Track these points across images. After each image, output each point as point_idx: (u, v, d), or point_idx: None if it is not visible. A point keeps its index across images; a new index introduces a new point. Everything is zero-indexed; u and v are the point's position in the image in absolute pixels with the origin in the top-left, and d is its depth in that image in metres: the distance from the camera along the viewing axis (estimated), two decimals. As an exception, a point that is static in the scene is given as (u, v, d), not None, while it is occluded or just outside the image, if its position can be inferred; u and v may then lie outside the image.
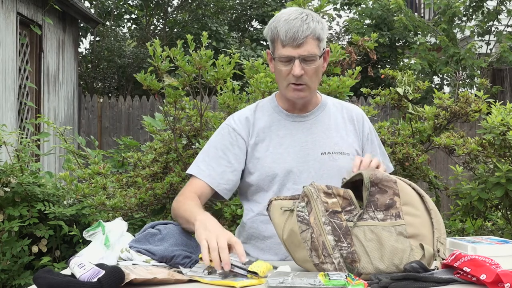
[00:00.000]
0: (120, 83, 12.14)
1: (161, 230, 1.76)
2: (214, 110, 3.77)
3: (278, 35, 1.88)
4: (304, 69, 1.89)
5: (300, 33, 1.85)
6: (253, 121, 2.03)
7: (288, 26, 1.86)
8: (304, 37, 1.85)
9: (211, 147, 2.04)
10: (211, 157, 2.01)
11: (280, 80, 1.96)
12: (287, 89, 1.95)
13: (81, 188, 3.28)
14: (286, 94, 1.98)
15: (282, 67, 1.91)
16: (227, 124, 2.06)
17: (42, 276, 1.45)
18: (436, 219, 1.63)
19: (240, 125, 2.03)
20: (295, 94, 1.94)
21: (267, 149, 1.99)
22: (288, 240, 1.63)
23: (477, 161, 3.24)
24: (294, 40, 1.85)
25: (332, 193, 1.62)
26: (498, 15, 8.74)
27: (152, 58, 3.01)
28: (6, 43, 6.69)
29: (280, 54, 1.89)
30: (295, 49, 1.86)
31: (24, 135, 5.25)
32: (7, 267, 3.53)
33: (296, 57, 1.87)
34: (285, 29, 1.86)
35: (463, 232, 3.51)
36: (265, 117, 2.04)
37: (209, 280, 1.53)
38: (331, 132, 2.03)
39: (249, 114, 2.06)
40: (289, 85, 1.93)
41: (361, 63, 3.62)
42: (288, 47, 1.87)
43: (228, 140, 2.02)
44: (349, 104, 2.18)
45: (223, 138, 2.03)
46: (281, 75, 1.93)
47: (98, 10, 12.75)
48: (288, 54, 1.87)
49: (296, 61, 1.87)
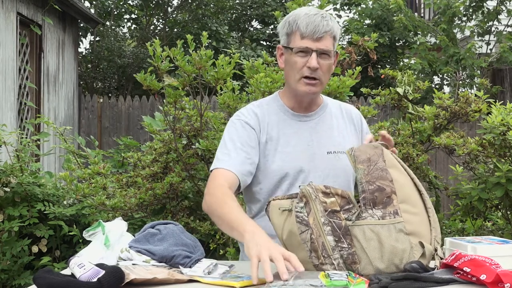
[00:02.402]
0: (120, 83, 12.14)
1: (161, 230, 1.76)
2: (214, 110, 3.77)
3: (298, 27, 1.91)
4: (320, 63, 1.91)
5: (321, 27, 1.89)
6: (261, 117, 2.02)
7: (309, 20, 1.90)
8: (324, 32, 1.90)
9: (228, 140, 1.98)
10: (230, 149, 1.95)
11: (292, 73, 1.95)
12: (299, 83, 1.94)
13: (81, 188, 3.28)
14: (297, 88, 1.96)
15: (298, 58, 1.92)
16: (237, 119, 2.02)
17: (42, 276, 1.45)
18: (434, 218, 1.64)
19: (252, 119, 2.00)
20: (307, 88, 1.94)
21: (276, 148, 1.98)
22: (288, 241, 1.62)
23: (477, 161, 3.24)
24: (314, 33, 1.89)
25: (330, 193, 1.62)
26: (498, 15, 8.74)
27: (152, 58, 3.01)
28: (6, 43, 6.69)
29: (298, 45, 1.92)
30: (314, 42, 1.90)
31: (24, 135, 5.25)
32: (7, 267, 3.53)
33: (314, 50, 1.90)
34: (306, 22, 1.90)
35: (463, 232, 3.51)
36: (272, 116, 2.03)
37: (209, 280, 1.52)
38: (334, 131, 2.04)
39: (257, 110, 2.04)
40: (302, 78, 1.93)
41: (361, 63, 3.63)
42: (307, 39, 1.90)
43: (244, 133, 1.97)
44: (346, 104, 2.20)
45: (238, 131, 1.98)
46: (296, 67, 1.93)
47: (98, 10, 12.76)
48: (307, 45, 1.90)
49: (313, 54, 1.90)
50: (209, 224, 3.22)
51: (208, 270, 1.59)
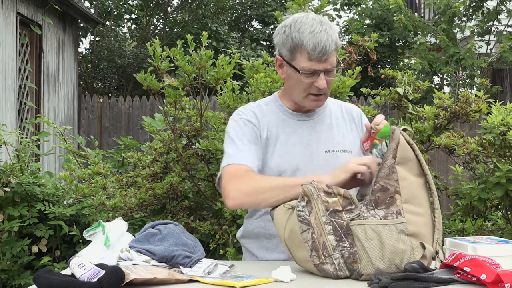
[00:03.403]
0: (120, 83, 12.14)
1: (161, 230, 1.76)
2: (214, 110, 3.77)
3: (304, 48, 1.85)
4: (327, 80, 1.90)
5: (328, 48, 1.84)
6: (260, 116, 2.02)
7: (316, 41, 1.84)
8: (331, 51, 1.86)
9: (235, 138, 1.96)
10: (238, 145, 1.94)
11: (298, 90, 1.94)
12: (306, 99, 1.94)
13: (81, 188, 3.28)
14: (302, 103, 1.97)
15: (305, 79, 1.89)
16: (239, 117, 2.01)
17: (42, 276, 1.45)
18: (439, 219, 1.64)
19: (252, 117, 2.01)
20: (314, 103, 1.96)
21: (275, 145, 1.99)
22: (289, 240, 1.63)
23: (477, 161, 3.24)
24: (323, 55, 1.85)
25: (332, 192, 1.62)
26: (498, 15, 8.73)
27: (152, 58, 3.01)
28: (6, 43, 6.69)
29: (305, 67, 1.87)
30: (322, 63, 1.87)
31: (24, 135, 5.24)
32: (7, 267, 3.53)
33: (321, 71, 1.88)
34: (313, 43, 1.84)
35: (463, 232, 3.50)
36: (270, 115, 2.03)
37: (209, 280, 1.53)
38: (333, 130, 2.04)
39: (256, 109, 2.04)
40: (309, 95, 1.93)
41: (361, 63, 3.62)
42: (315, 61, 1.86)
43: (247, 130, 1.97)
44: (346, 103, 2.19)
45: (241, 128, 1.98)
46: (301, 86, 1.92)
47: (98, 10, 12.75)
48: (315, 68, 1.87)
49: (321, 74, 1.88)
50: (209, 224, 3.22)
51: (209, 270, 1.59)
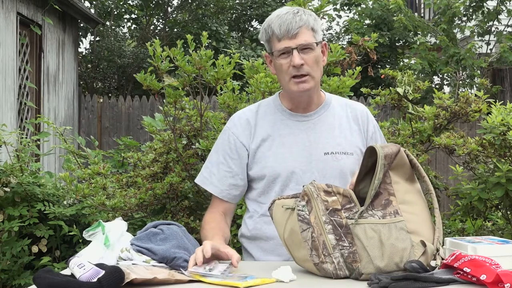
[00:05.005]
0: (120, 83, 12.14)
1: (163, 230, 1.75)
2: (214, 110, 3.77)
3: (273, 31, 1.91)
4: (304, 59, 1.90)
5: (294, 24, 1.88)
6: (254, 122, 2.03)
7: (281, 20, 1.90)
8: (298, 27, 1.89)
9: (214, 152, 2.08)
10: (213, 162, 2.06)
11: (282, 76, 1.95)
12: (290, 84, 1.94)
13: (81, 188, 3.28)
14: (290, 90, 1.96)
15: (281, 60, 1.92)
16: (228, 127, 2.07)
17: (42, 276, 1.45)
18: (438, 218, 1.64)
19: (241, 128, 2.03)
20: (299, 87, 1.93)
21: (270, 149, 1.99)
22: (289, 239, 1.63)
23: (477, 161, 3.24)
24: (289, 32, 1.89)
25: (332, 191, 1.62)
26: (498, 15, 8.74)
27: (152, 58, 3.01)
28: (6, 43, 6.69)
29: (278, 48, 1.91)
30: (291, 39, 1.89)
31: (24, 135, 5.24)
32: (7, 267, 3.53)
33: (293, 47, 1.89)
34: (279, 23, 1.90)
35: (463, 232, 3.50)
36: (268, 116, 2.04)
37: (211, 280, 1.52)
38: (335, 131, 2.02)
39: (250, 115, 2.05)
40: (291, 79, 1.92)
41: (361, 63, 3.62)
42: (284, 40, 1.90)
43: (227, 146, 2.04)
44: (354, 102, 2.16)
45: (223, 143, 2.05)
46: (282, 70, 1.93)
47: (98, 10, 12.75)
48: (285, 45, 1.89)
49: (294, 52, 1.89)
50: (209, 224, 3.22)
51: (210, 267, 1.59)
